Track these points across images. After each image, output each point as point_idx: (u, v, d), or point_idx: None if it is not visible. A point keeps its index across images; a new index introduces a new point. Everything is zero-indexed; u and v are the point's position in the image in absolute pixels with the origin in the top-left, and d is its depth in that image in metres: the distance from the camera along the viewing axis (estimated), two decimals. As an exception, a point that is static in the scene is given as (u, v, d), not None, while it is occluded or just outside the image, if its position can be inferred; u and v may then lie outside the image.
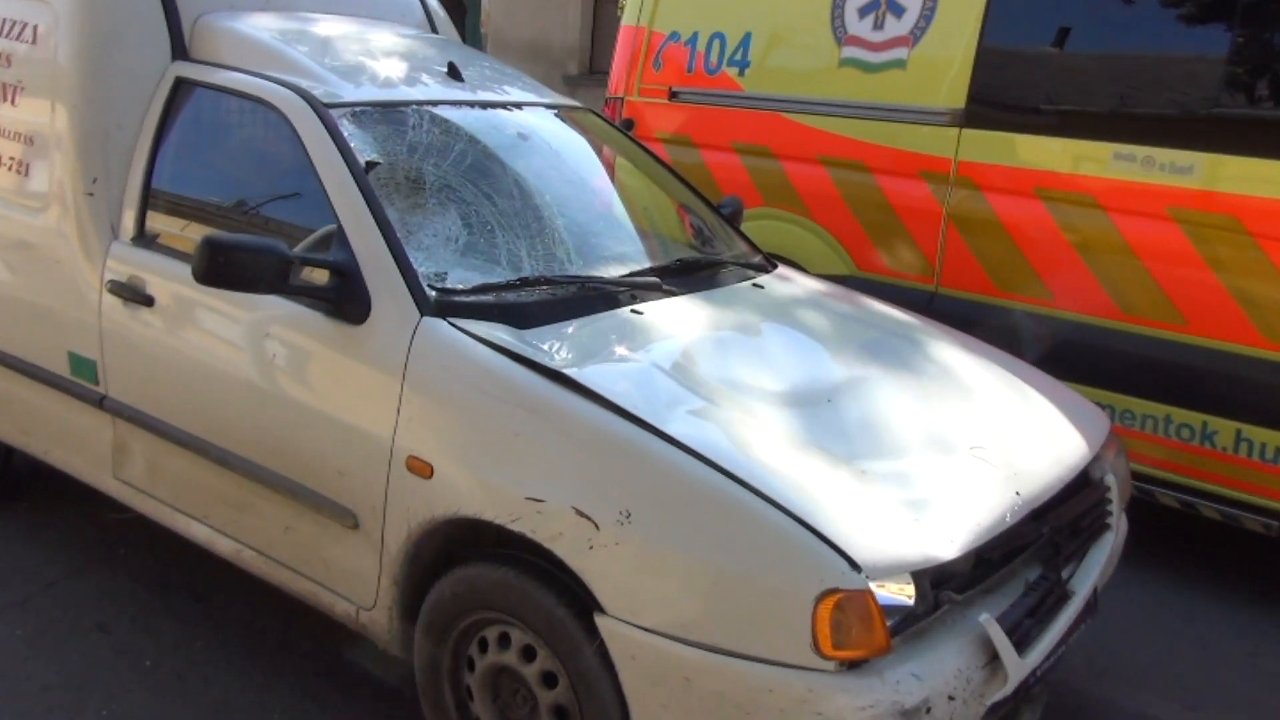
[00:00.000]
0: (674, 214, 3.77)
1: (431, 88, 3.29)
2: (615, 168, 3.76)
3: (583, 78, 13.22)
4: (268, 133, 3.02)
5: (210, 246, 2.48)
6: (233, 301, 2.85)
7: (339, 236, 2.68)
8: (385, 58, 3.40)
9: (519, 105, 3.48)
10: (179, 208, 3.19)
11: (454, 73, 3.42)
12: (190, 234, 3.11)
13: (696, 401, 2.41)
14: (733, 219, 3.80)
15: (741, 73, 5.10)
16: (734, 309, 3.03)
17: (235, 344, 2.88)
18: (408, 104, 3.13)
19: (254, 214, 3.05)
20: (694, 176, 4.25)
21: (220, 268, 2.49)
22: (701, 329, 2.81)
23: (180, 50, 3.27)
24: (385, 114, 3.04)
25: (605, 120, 3.88)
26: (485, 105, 3.35)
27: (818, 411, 2.49)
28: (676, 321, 2.82)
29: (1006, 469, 2.51)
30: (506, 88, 3.59)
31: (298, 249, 2.68)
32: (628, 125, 5.39)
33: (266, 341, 2.78)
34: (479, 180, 3.04)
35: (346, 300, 2.62)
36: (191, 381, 2.97)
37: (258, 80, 3.04)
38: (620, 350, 2.59)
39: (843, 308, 3.34)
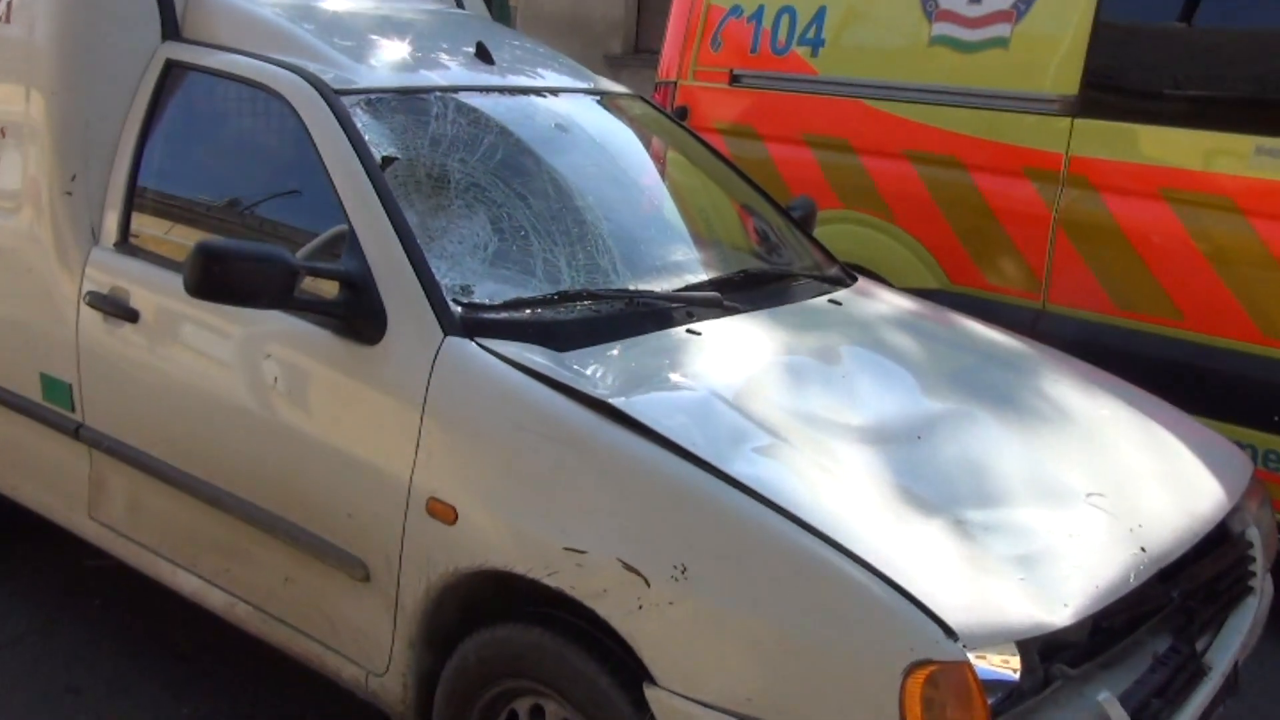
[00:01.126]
0: (735, 218, 3.77)
1: (457, 71, 3.34)
2: (667, 163, 3.78)
3: (627, 57, 13.32)
4: (270, 123, 3.06)
5: (205, 254, 2.51)
6: (228, 317, 2.88)
7: (350, 243, 2.71)
8: (404, 37, 3.44)
9: (557, 91, 3.52)
10: (169, 209, 3.24)
11: (483, 54, 3.46)
12: (181, 239, 3.15)
13: (764, 438, 2.41)
14: (804, 224, 3.82)
15: (814, 53, 5.12)
16: (807, 329, 3.03)
17: (230, 366, 2.92)
18: (430, 90, 3.17)
19: (254, 216, 3.09)
20: (758, 174, 4.27)
21: (216, 279, 2.52)
22: (769, 353, 2.82)
23: (172, 29, 3.33)
24: (404, 102, 3.09)
25: (656, 108, 3.91)
26: (518, 91, 3.40)
27: (906, 451, 2.50)
28: (740, 344, 2.84)
29: (1129, 521, 2.49)
30: (542, 71, 3.63)
31: (300, 254, 2.72)
32: (681, 114, 5.44)
33: (266, 363, 2.81)
34: (511, 178, 3.06)
35: (358, 316, 2.65)
36: (180, 409, 3.01)
37: (259, 63, 3.09)
38: (675, 377, 2.60)
39: (934, 328, 3.34)
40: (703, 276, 3.17)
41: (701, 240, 3.51)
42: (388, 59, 3.27)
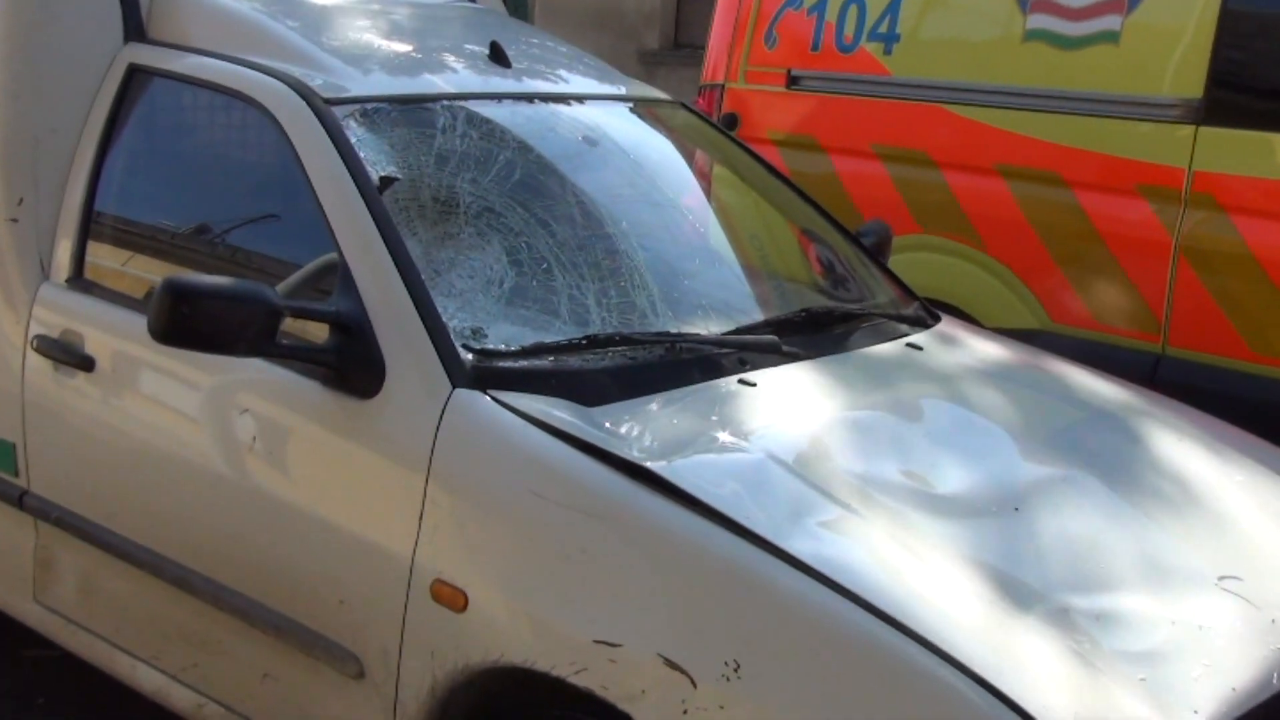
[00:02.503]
0: (795, 246, 3.80)
1: (467, 76, 3.40)
2: (713, 182, 3.81)
3: (665, 54, 13.39)
4: (248, 137, 3.11)
5: (173, 293, 2.54)
6: (199, 366, 2.91)
7: (342, 278, 2.75)
8: (405, 37, 3.50)
9: (584, 99, 3.56)
10: (131, 238, 3.28)
11: (497, 55, 3.51)
12: (146, 274, 3.20)
13: (831, 509, 2.43)
14: (877, 252, 3.84)
15: (887, 50, 5.15)
16: (882, 379, 3.05)
17: (201, 423, 2.94)
18: (435, 99, 3.21)
19: (230, 247, 3.12)
20: (822, 192, 4.29)
21: (185, 321, 2.55)
22: (837, 407, 2.83)
23: (135, 29, 3.39)
24: (406, 112, 3.13)
25: (699, 116, 3.94)
26: (539, 99, 3.44)
27: (1000, 524, 2.50)
28: (802, 397, 2.85)
29: (1271, 610, 2.46)
30: (567, 74, 3.68)
31: (281, 289, 2.75)
32: (729, 122, 5.50)
33: (242, 420, 2.84)
34: (531, 201, 3.10)
35: (352, 365, 2.68)
36: (142, 474, 3.03)
37: (235, 68, 3.13)
38: (725, 436, 2.61)
39: (1032, 378, 3.35)
40: (757, 317, 3.20)
41: (755, 273, 3.54)
42: (386, 62, 3.32)
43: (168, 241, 3.25)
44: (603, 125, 3.54)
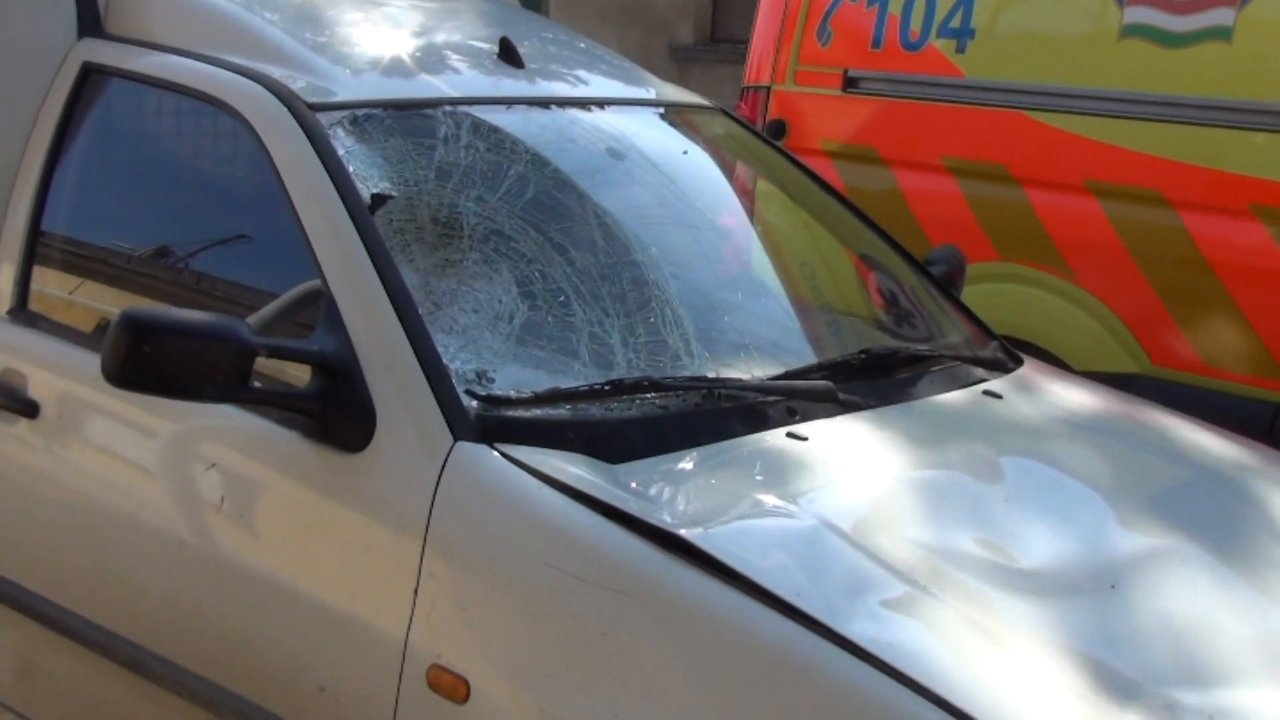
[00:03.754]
0: (853, 275, 3.82)
1: (473, 78, 3.43)
2: (758, 200, 3.83)
3: (700, 49, 13.46)
4: (221, 148, 3.14)
5: (131, 328, 2.55)
6: (160, 413, 2.92)
7: (327, 312, 2.77)
8: (404, 32, 3.53)
9: (608, 104, 3.60)
10: (84, 263, 3.30)
11: (508, 54, 3.54)
12: (99, 304, 3.22)
13: (896, 586, 2.42)
14: (947, 283, 3.86)
15: (960, 47, 5.16)
16: (954, 433, 3.06)
17: (161, 479, 2.95)
18: (437, 104, 3.24)
19: (198, 275, 3.14)
20: (883, 212, 4.31)
21: (146, 361, 2.56)
22: (902, 466, 2.84)
23: (91, 23, 3.43)
24: (402, 120, 3.16)
25: (742, 125, 3.95)
26: (557, 104, 3.47)
27: (1094, 604, 2.49)
28: (862, 453, 2.85)
29: None
30: (589, 75, 3.71)
31: (254, 320, 2.76)
32: (776, 130, 5.54)
33: (209, 476, 2.85)
34: (546, 223, 3.12)
35: (337, 413, 2.69)
36: (91, 537, 3.03)
37: (205, 68, 3.16)
38: (771, 499, 2.61)
39: (1131, 431, 3.34)
40: (809, 359, 3.22)
41: (806, 307, 3.55)
42: (380, 62, 3.35)
43: (126, 268, 3.27)
44: (629, 134, 3.55)
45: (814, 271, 3.77)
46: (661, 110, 3.74)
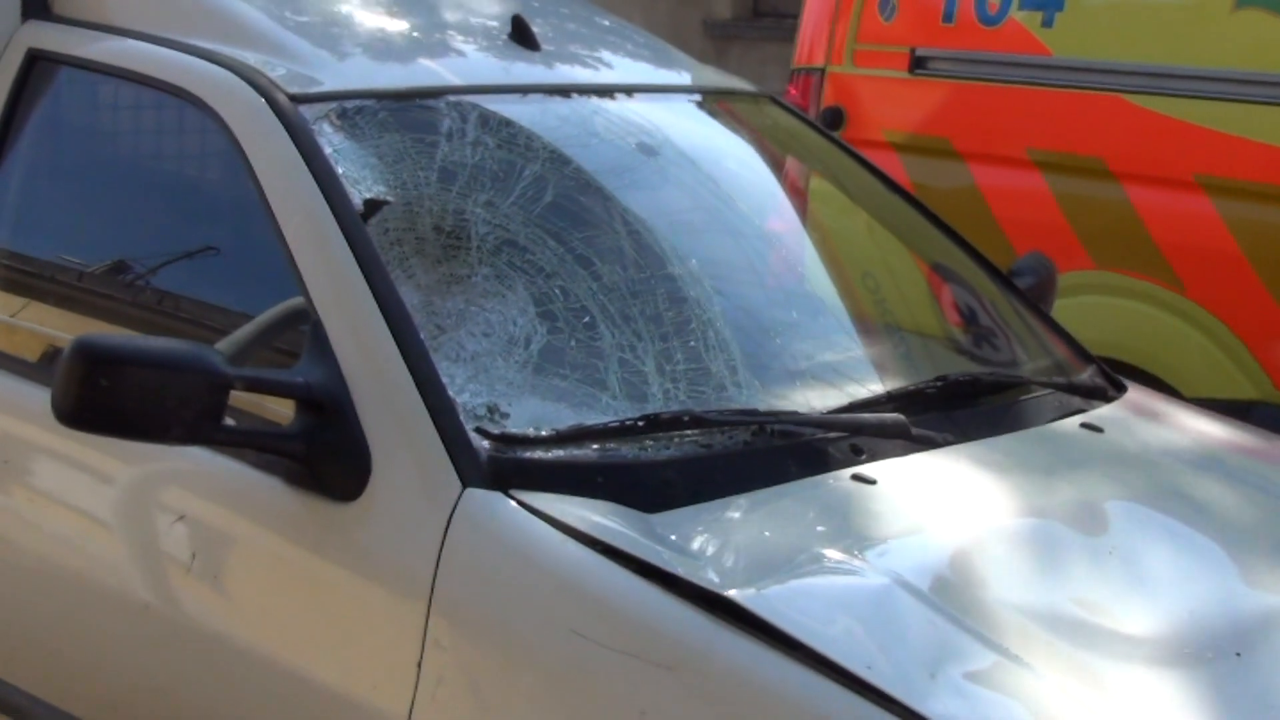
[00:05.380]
0: (925, 289, 3.82)
1: (482, 62, 3.47)
2: (813, 201, 3.83)
3: (741, 25, 13.46)
4: (188, 146, 3.16)
5: (86, 358, 2.53)
6: (120, 455, 2.91)
7: (313, 338, 2.77)
8: (402, 10, 3.55)
9: (638, 90, 3.60)
10: (27, 281, 3.31)
11: (522, 34, 3.55)
12: (46, 330, 3.21)
13: (983, 654, 2.39)
14: (1037, 297, 3.84)
15: (1047, 20, 5.15)
16: (1048, 474, 3.04)
17: (122, 534, 2.95)
18: (439, 92, 3.25)
19: (162, 294, 3.15)
20: (958, 214, 4.30)
21: (102, 398, 2.54)
22: (987, 514, 2.83)
23: (37, 3, 3.45)
24: (399, 112, 3.16)
25: (794, 114, 3.95)
26: (578, 92, 3.48)
27: (1216, 674, 2.45)
28: (939, 498, 2.84)
29: None
30: (615, 58, 3.74)
31: (224, 345, 2.75)
32: (831, 119, 5.54)
33: (178, 530, 2.84)
34: (567, 231, 3.13)
35: (326, 456, 2.68)
36: (40, 602, 3.03)
37: (169, 54, 3.17)
38: (834, 554, 2.58)
39: (1252, 469, 3.33)
40: (877, 388, 3.18)
41: (871, 327, 3.56)
42: (374, 45, 3.39)
43: (79, 287, 3.27)
44: (663, 126, 3.55)
45: (879, 285, 3.78)
46: (700, 98, 3.76)
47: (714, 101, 3.78)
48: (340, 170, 2.94)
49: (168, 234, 3.24)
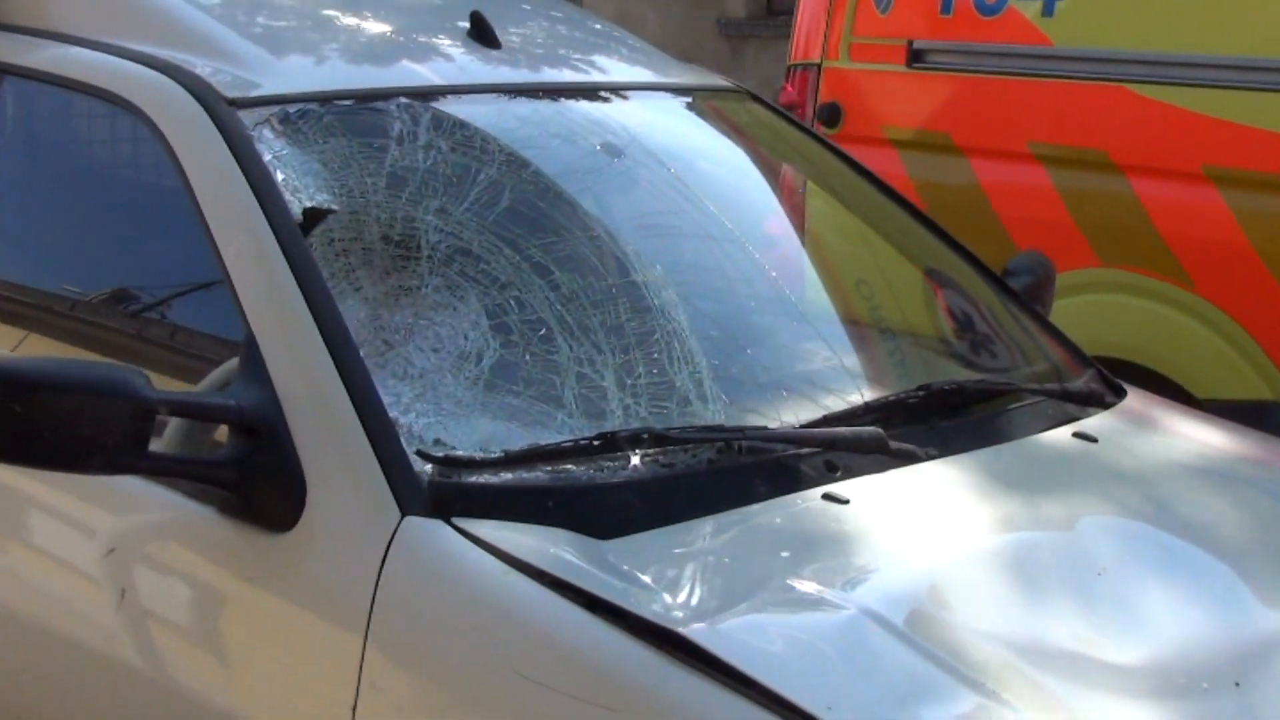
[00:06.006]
0: (908, 291, 3.72)
1: (437, 61, 3.41)
2: (794, 202, 3.77)
3: (756, 25, 13.44)
4: (122, 156, 3.11)
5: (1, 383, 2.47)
6: (44, 481, 2.85)
7: (248, 357, 2.70)
8: (352, 8, 3.52)
9: (605, 90, 3.55)
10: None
11: (481, 31, 3.49)
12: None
13: (959, 694, 2.30)
14: (1032, 298, 3.77)
15: (1047, 9, 5.13)
16: (1035, 489, 2.96)
17: (49, 566, 2.91)
18: (389, 95, 3.19)
19: (91, 314, 3.09)
20: (960, 210, 4.40)
21: (16, 426, 2.47)
22: (968, 535, 2.74)
23: None
24: (344, 116, 3.12)
25: (776, 111, 3.90)
26: (540, 92, 3.42)
27: (1216, 708, 2.39)
28: (917, 518, 2.76)
29: None
30: (581, 56, 3.67)
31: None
32: (829, 115, 5.57)
33: (108, 564, 2.77)
34: (524, 239, 3.07)
35: (260, 484, 2.62)
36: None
37: (103, 58, 3.13)
38: (800, 583, 2.49)
39: (1264, 477, 3.25)
40: (856, 398, 3.10)
41: (851, 333, 3.49)
42: (320, 45, 3.35)
43: (10, 302, 3.22)
44: (631, 127, 3.49)
45: (862, 289, 3.73)
46: (672, 95, 3.71)
47: (688, 99, 3.73)
48: (280, 178, 2.89)
49: (103, 248, 3.22)
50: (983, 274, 3.70)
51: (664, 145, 3.52)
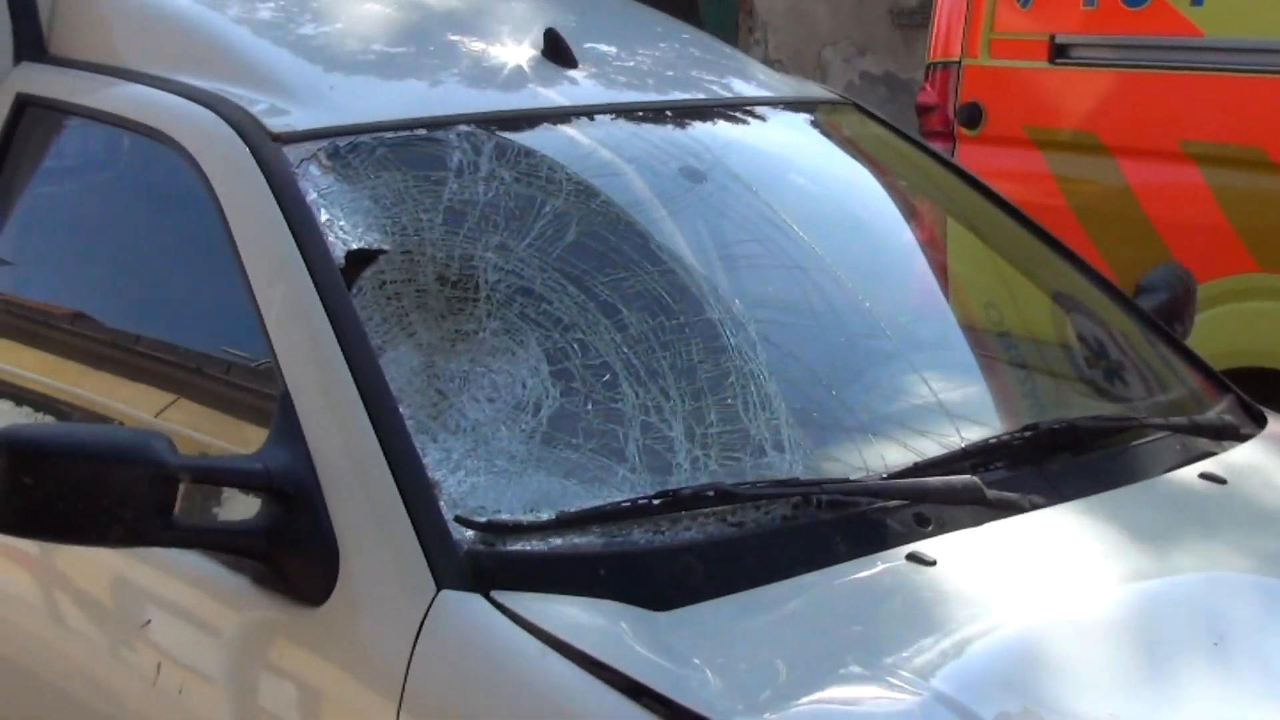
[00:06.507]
0: (1024, 317, 3.59)
1: (506, 85, 3.30)
2: (894, 223, 3.62)
3: (930, 13, 13.16)
4: (168, 194, 3.09)
5: (8, 452, 2.40)
6: (65, 553, 2.81)
7: (282, 415, 2.62)
8: (412, 29, 3.45)
9: (688, 108, 3.43)
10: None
11: (555, 49, 3.38)
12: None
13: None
14: (1168, 315, 3.58)
15: (1196, 0, 4.99)
16: (1153, 541, 2.77)
17: (84, 638, 2.87)
18: (449, 123, 3.09)
19: (139, 356, 3.07)
20: (1108, 212, 4.41)
21: (28, 497, 2.39)
22: (1071, 599, 2.54)
23: (32, 43, 3.40)
24: (399, 148, 3.02)
25: (882, 124, 3.76)
26: (615, 113, 3.30)
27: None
28: (1012, 580, 2.58)
29: None
30: (665, 71, 3.63)
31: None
32: (969, 115, 5.59)
33: (143, 635, 2.70)
34: (591, 276, 2.95)
35: (291, 554, 2.53)
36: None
37: (147, 93, 3.10)
38: (871, 666, 2.33)
39: None
40: (953, 440, 2.91)
41: (952, 368, 3.28)
42: (378, 72, 3.29)
43: (61, 339, 3.25)
44: (715, 148, 3.36)
45: (968, 317, 3.56)
46: (766, 111, 3.54)
47: (783, 114, 3.58)
48: (325, 218, 2.80)
49: (147, 291, 3.17)
50: (1108, 293, 3.50)
51: (751, 167, 3.39)
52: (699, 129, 3.38)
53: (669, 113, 3.37)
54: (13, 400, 3.22)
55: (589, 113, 3.25)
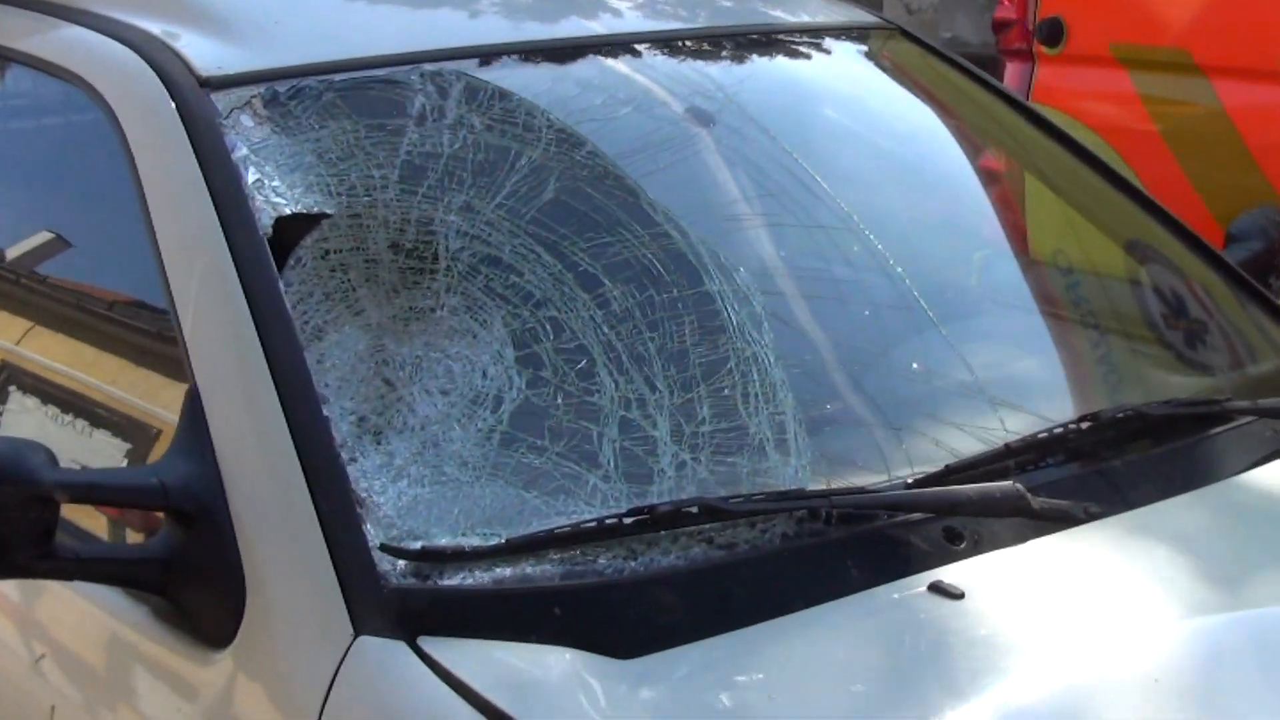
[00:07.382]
0: (1102, 280, 3.33)
1: (482, 18, 3.20)
2: (938, 169, 3.38)
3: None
4: (77, 145, 2.97)
5: None
6: None
7: (188, 414, 2.37)
8: None
9: (702, 36, 3.20)
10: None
11: None
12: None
13: None
14: (1264, 269, 3.34)
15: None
16: (1234, 556, 2.51)
17: None
18: (410, 60, 2.86)
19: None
20: (1201, 138, 4.26)
21: None
22: (1133, 635, 2.26)
23: None
24: (350, 92, 2.80)
25: (930, 49, 3.52)
26: (610, 47, 3.08)
27: None
28: (1055, 614, 2.29)
29: None
30: None
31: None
32: (1050, 32, 5.54)
33: (37, 671, 2.56)
34: (571, 241, 2.71)
35: (189, 585, 2.29)
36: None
37: (61, 29, 2.96)
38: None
39: None
40: (996, 434, 2.60)
41: (999, 342, 3.01)
42: (329, 4, 3.20)
43: None
44: (729, 85, 3.09)
45: (1019, 280, 3.27)
46: (792, 39, 3.27)
47: (811, 42, 3.30)
48: (255, 178, 2.56)
49: (55, 267, 3.04)
50: (1191, 245, 3.21)
51: (769, 107, 3.13)
52: (706, 63, 3.16)
53: (671, 44, 3.14)
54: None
55: (579, 48, 3.03)
